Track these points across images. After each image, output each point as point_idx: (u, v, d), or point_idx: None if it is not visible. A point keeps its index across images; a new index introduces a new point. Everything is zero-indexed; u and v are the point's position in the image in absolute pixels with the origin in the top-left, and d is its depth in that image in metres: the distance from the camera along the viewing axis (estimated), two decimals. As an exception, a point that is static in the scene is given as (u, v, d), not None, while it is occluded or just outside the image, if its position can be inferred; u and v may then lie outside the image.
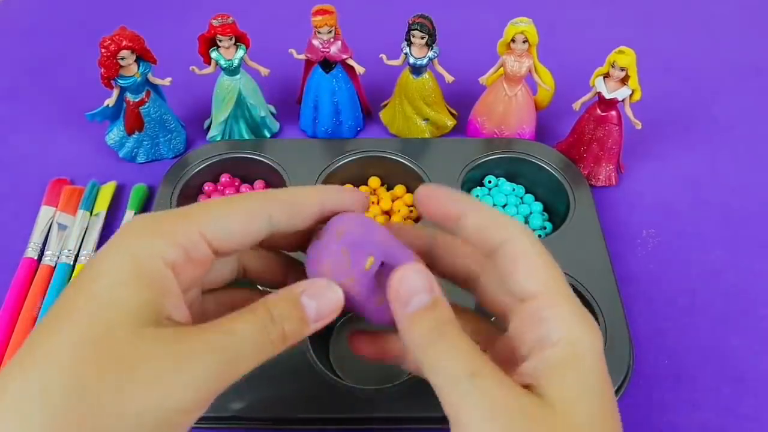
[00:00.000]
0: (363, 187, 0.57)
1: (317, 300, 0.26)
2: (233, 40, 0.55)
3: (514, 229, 0.25)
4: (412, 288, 0.24)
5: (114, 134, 0.59)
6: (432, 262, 0.29)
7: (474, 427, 0.22)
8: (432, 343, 0.23)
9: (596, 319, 0.45)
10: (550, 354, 0.23)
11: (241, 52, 0.56)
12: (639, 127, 0.55)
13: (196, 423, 0.42)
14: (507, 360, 0.25)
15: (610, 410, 0.22)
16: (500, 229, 0.25)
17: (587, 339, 0.23)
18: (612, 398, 0.23)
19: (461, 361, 0.23)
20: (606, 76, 0.53)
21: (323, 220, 0.28)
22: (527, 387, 0.23)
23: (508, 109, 0.58)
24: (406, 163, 0.56)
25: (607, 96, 0.53)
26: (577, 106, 0.56)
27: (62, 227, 0.53)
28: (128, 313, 0.21)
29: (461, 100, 0.63)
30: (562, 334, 0.23)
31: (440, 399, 0.23)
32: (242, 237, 0.25)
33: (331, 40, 0.56)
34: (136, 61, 0.54)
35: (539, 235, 0.53)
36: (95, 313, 0.21)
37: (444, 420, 0.24)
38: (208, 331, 0.23)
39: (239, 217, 0.25)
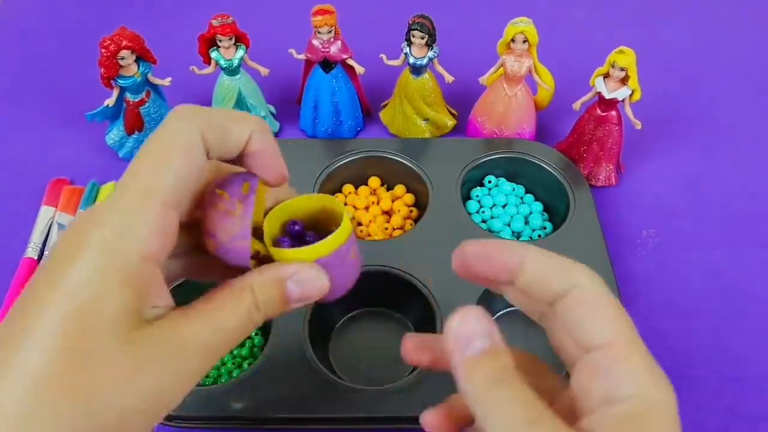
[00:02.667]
0: (363, 187, 0.57)
1: (302, 287, 0.26)
2: (233, 40, 0.55)
3: (581, 273, 0.23)
4: (472, 331, 0.22)
5: (114, 134, 0.59)
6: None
7: None
8: (489, 391, 0.22)
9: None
10: (619, 410, 0.21)
11: (241, 52, 0.56)
12: (639, 127, 0.55)
13: (196, 423, 0.42)
14: (569, 413, 0.23)
15: None
16: (566, 274, 0.23)
17: (661, 398, 0.21)
18: None
19: (519, 408, 0.21)
20: (606, 76, 0.53)
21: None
22: None
23: (508, 109, 0.58)
24: (406, 163, 0.56)
25: (607, 96, 0.53)
26: (577, 106, 0.56)
27: (62, 227, 0.53)
28: (107, 322, 0.21)
29: (461, 100, 0.63)
30: (632, 391, 0.21)
31: None
32: (194, 183, 0.25)
33: (331, 40, 0.56)
34: (136, 61, 0.54)
35: (539, 235, 0.53)
36: (72, 319, 0.21)
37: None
38: (196, 325, 0.23)
39: (183, 162, 0.24)
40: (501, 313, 0.49)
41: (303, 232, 0.28)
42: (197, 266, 0.28)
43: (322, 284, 0.26)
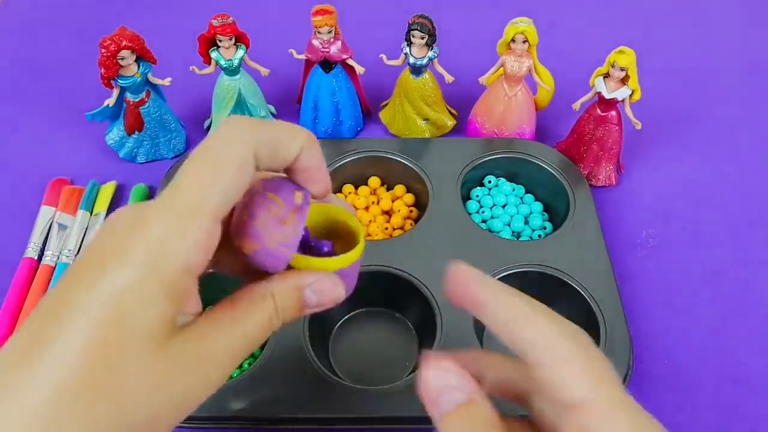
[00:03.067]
0: (363, 187, 0.57)
1: (320, 296, 0.26)
2: (233, 40, 0.55)
3: (546, 322, 0.22)
4: (444, 385, 0.22)
5: (114, 134, 0.59)
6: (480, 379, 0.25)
7: None
8: None
9: (596, 319, 0.45)
10: None
11: (241, 52, 0.56)
12: (639, 127, 0.55)
13: (196, 423, 0.42)
14: None
15: None
16: (529, 325, 0.22)
17: None
18: None
19: None
20: (606, 76, 0.53)
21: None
22: None
23: (508, 109, 0.58)
24: (406, 163, 0.56)
25: (607, 96, 0.53)
26: (577, 106, 0.56)
27: (62, 227, 0.53)
28: (143, 331, 0.21)
29: (461, 100, 0.63)
30: None
31: None
32: (238, 194, 0.24)
33: (331, 40, 0.56)
34: (136, 61, 0.54)
35: (539, 235, 0.53)
36: (108, 325, 0.21)
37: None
38: (224, 333, 0.24)
39: (235, 179, 0.24)
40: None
41: (320, 243, 0.28)
42: (221, 262, 0.28)
43: (338, 294, 0.26)
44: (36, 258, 0.52)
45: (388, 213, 0.55)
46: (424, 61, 0.56)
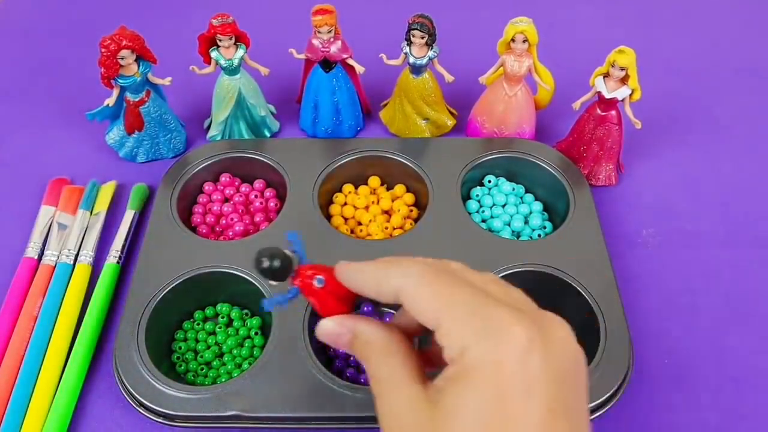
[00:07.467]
0: (363, 187, 0.57)
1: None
2: (233, 40, 0.55)
3: (397, 270, 0.27)
4: (336, 333, 0.30)
5: (114, 134, 0.59)
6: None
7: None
8: (366, 361, 0.28)
9: (596, 319, 0.45)
10: (450, 372, 0.24)
11: (241, 52, 0.56)
12: (639, 126, 0.55)
13: (196, 423, 0.42)
14: None
15: (505, 418, 0.21)
16: (389, 279, 0.27)
17: (480, 352, 0.22)
18: (521, 403, 0.21)
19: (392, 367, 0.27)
20: (606, 75, 0.53)
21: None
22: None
23: (508, 108, 0.58)
24: (406, 162, 0.56)
25: (607, 95, 0.53)
26: (576, 105, 0.56)
27: (62, 227, 0.53)
28: None
29: (461, 99, 0.63)
30: (453, 354, 0.23)
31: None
32: None
33: (331, 39, 0.56)
34: (136, 60, 0.54)
35: (539, 235, 0.53)
36: None
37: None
38: None
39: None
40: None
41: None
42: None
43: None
44: (36, 258, 0.52)
45: (388, 213, 0.55)
46: (424, 60, 0.56)
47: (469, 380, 0.22)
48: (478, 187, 0.57)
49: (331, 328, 0.30)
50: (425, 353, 0.30)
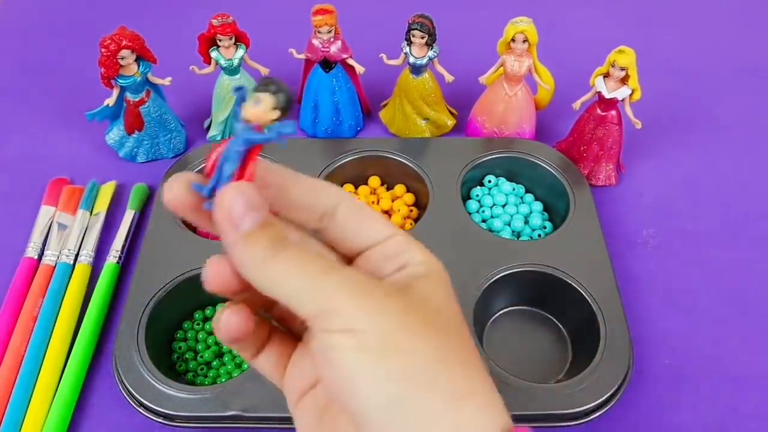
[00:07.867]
0: (363, 187, 0.57)
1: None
2: (233, 40, 0.55)
3: (339, 192, 0.26)
4: (245, 206, 0.22)
5: (114, 134, 0.59)
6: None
7: (345, 305, 0.21)
8: (274, 256, 0.22)
9: (596, 319, 0.45)
10: (416, 269, 0.25)
11: (241, 52, 0.56)
12: (639, 126, 0.55)
13: (196, 423, 0.42)
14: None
15: (459, 312, 0.25)
16: (329, 194, 0.26)
17: (440, 264, 0.26)
18: (459, 309, 0.25)
19: (312, 264, 0.22)
20: (606, 75, 0.53)
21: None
22: None
23: (508, 108, 0.58)
24: (406, 162, 0.56)
25: (607, 95, 0.53)
26: (577, 105, 0.56)
27: (62, 227, 0.53)
28: None
29: (461, 99, 0.63)
30: (423, 258, 0.25)
31: (294, 306, 0.22)
32: None
33: (331, 39, 0.56)
34: (136, 60, 0.54)
35: (539, 235, 0.53)
36: None
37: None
38: None
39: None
40: (500, 313, 0.49)
41: None
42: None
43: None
44: (36, 257, 0.52)
45: (388, 213, 0.55)
46: (424, 60, 0.56)
47: (439, 279, 0.25)
48: (478, 187, 0.57)
49: (255, 199, 0.23)
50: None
